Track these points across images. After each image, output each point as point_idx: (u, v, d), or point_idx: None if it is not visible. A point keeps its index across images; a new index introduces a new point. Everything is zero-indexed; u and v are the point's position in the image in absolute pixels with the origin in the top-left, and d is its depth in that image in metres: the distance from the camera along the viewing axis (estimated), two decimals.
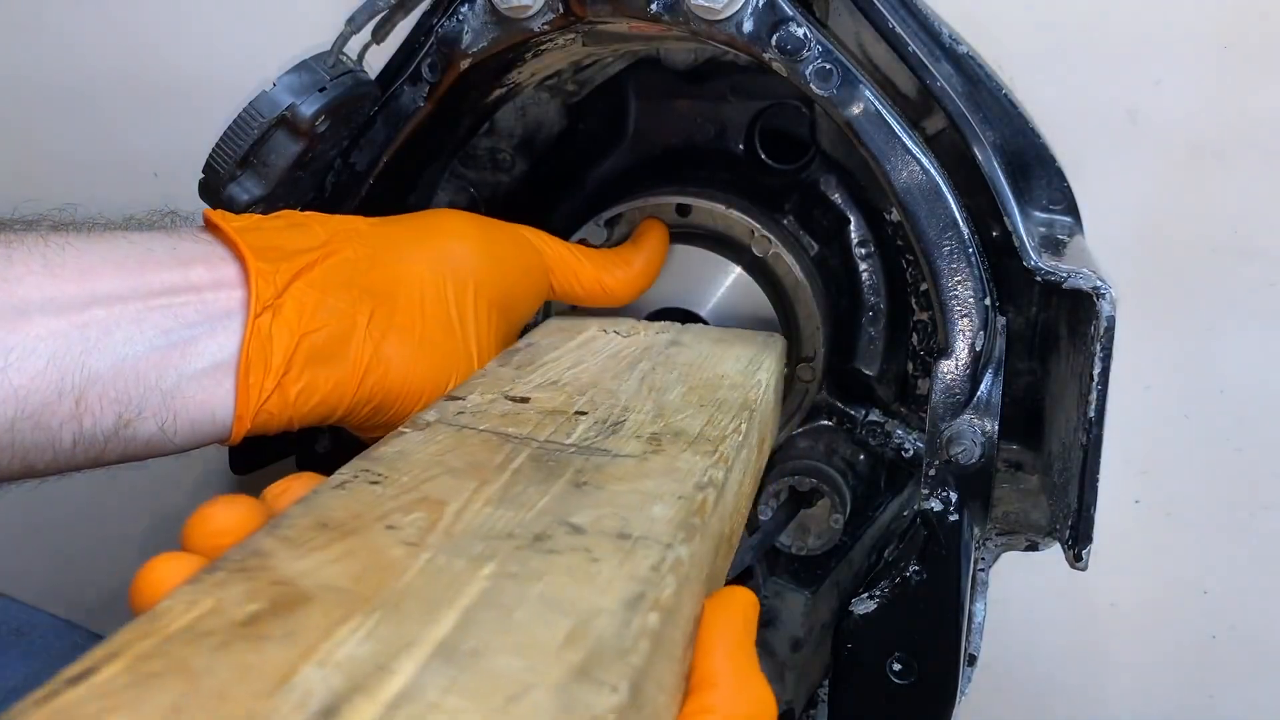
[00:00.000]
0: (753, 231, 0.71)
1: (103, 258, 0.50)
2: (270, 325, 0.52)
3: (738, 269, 0.70)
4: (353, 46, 0.63)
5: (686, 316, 0.72)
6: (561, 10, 0.61)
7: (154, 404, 0.50)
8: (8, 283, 0.47)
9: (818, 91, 0.60)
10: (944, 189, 0.61)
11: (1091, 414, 0.58)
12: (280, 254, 0.54)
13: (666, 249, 0.70)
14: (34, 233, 0.50)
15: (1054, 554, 0.63)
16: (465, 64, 0.63)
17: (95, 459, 0.50)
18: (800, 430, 0.76)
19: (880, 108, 0.60)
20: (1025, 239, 0.61)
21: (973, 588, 0.65)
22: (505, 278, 0.62)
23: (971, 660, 0.67)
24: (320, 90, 0.60)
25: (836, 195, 0.75)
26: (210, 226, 0.55)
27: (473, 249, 0.61)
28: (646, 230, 0.69)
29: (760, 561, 0.74)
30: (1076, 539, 0.60)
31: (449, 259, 0.60)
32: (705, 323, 0.71)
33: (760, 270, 0.71)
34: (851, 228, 0.75)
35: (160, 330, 0.50)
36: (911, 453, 0.74)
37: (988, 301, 0.62)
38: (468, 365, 0.60)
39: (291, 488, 0.43)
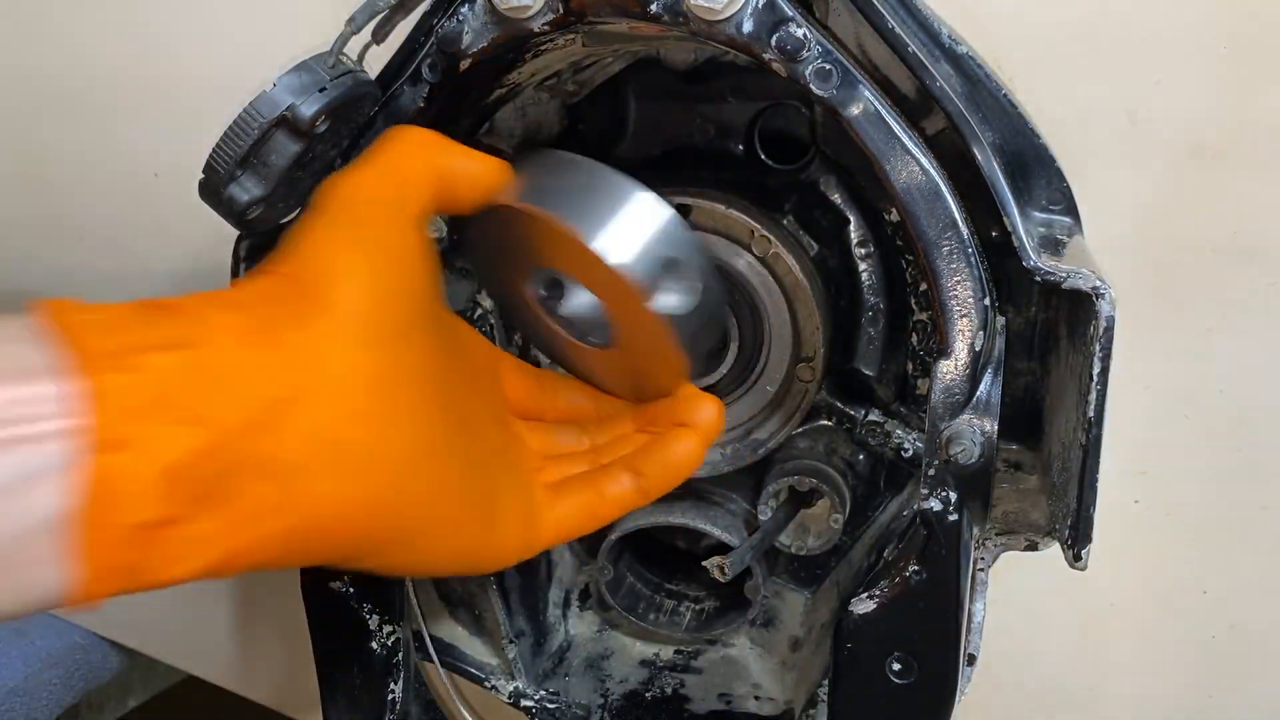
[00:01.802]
0: (753, 231, 0.71)
1: None
2: (125, 461, 0.40)
3: None
4: (353, 47, 0.63)
5: None
6: (561, 10, 0.61)
7: None
8: None
9: (817, 91, 0.60)
10: (943, 189, 0.61)
11: (1091, 414, 0.58)
12: (133, 350, 0.42)
13: None
14: None
15: (1054, 554, 0.63)
16: (465, 64, 0.64)
17: None
18: (800, 430, 0.76)
19: (880, 108, 0.60)
20: (1025, 239, 0.61)
21: (972, 588, 0.65)
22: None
23: (971, 660, 0.67)
24: (320, 90, 0.60)
25: (836, 195, 0.74)
26: (46, 319, 0.42)
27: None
28: None
29: (760, 561, 0.74)
30: (1076, 539, 0.60)
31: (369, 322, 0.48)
32: None
33: None
34: (851, 228, 0.75)
35: None
36: (911, 453, 0.74)
37: (987, 301, 0.62)
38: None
39: None
